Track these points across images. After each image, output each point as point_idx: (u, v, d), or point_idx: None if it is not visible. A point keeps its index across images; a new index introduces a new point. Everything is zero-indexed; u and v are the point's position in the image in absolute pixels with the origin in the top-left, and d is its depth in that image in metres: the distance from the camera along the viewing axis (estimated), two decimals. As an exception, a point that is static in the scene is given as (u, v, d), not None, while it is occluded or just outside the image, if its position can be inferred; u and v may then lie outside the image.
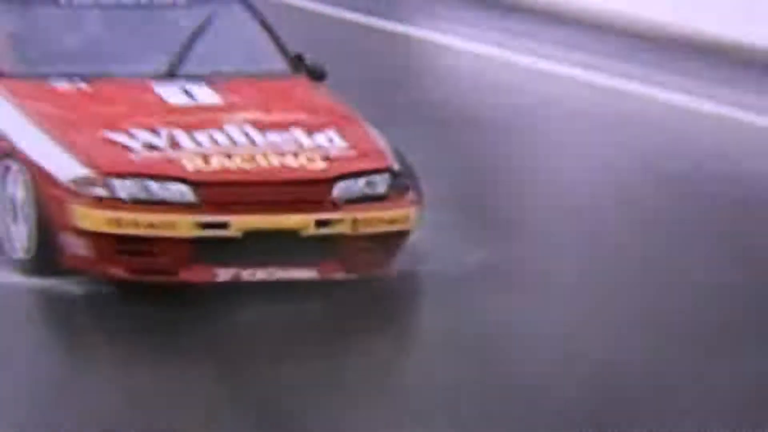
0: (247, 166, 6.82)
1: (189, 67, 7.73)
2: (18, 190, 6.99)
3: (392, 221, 6.98)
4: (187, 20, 8.11)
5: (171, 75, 7.68)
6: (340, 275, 6.81)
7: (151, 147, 6.83)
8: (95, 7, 8.05)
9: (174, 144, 6.87)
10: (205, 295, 6.82)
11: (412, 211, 7.05)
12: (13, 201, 7.04)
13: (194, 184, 6.66)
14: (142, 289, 6.87)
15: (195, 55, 7.88)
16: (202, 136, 6.92)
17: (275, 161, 6.84)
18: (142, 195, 6.67)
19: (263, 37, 8.21)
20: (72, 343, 6.86)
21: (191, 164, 6.73)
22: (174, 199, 6.68)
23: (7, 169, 7.08)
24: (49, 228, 6.84)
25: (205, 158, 6.77)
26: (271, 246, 6.71)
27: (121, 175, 6.69)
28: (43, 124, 7.10)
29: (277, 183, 6.80)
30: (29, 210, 6.92)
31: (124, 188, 6.66)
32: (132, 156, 6.79)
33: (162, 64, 7.76)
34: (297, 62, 8.07)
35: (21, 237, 6.99)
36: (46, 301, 7.00)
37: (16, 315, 6.98)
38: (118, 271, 6.75)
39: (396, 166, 6.97)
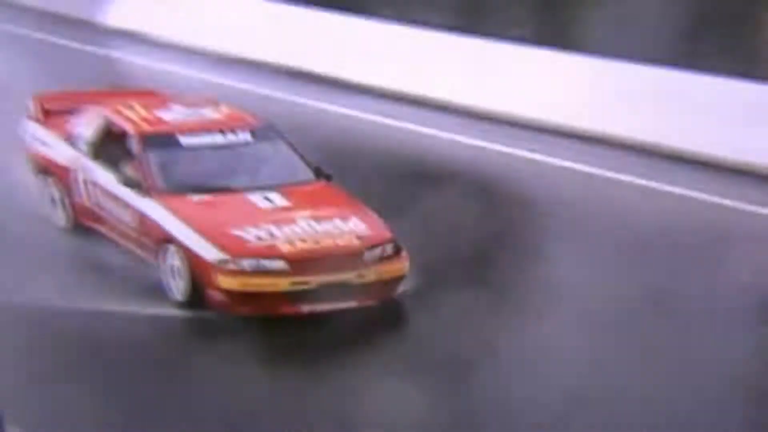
0: (315, 246, 9.63)
1: (262, 181, 10.67)
2: (175, 261, 9.82)
3: (396, 270, 9.90)
4: (256, 151, 11.01)
5: (254, 187, 10.47)
6: (369, 303, 9.70)
7: (259, 238, 9.62)
8: (205, 148, 10.86)
9: (271, 235, 9.65)
10: (291, 322, 9.56)
11: (406, 263, 9.98)
12: (172, 267, 9.85)
13: (287, 259, 9.49)
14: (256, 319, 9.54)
15: (264, 173, 10.79)
16: (286, 229, 9.72)
17: (330, 242, 9.69)
18: (258, 267, 9.44)
19: (297, 157, 11.12)
20: (211, 348, 9.54)
21: (284, 247, 9.54)
22: (276, 269, 9.46)
23: (167, 249, 9.89)
24: (197, 284, 9.63)
25: (291, 243, 9.58)
26: (332, 291, 9.52)
27: (244, 257, 9.48)
28: (188, 222, 9.88)
29: (334, 255, 9.61)
30: (184, 273, 9.72)
31: (247, 264, 9.45)
32: (249, 244, 9.58)
33: (247, 180, 10.65)
34: (317, 171, 10.94)
35: (179, 288, 9.81)
36: (195, 325, 9.80)
37: (177, 332, 9.78)
38: (244, 310, 9.52)
39: (394, 236, 9.99)
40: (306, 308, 9.57)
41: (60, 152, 11.72)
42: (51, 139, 11.95)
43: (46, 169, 11.88)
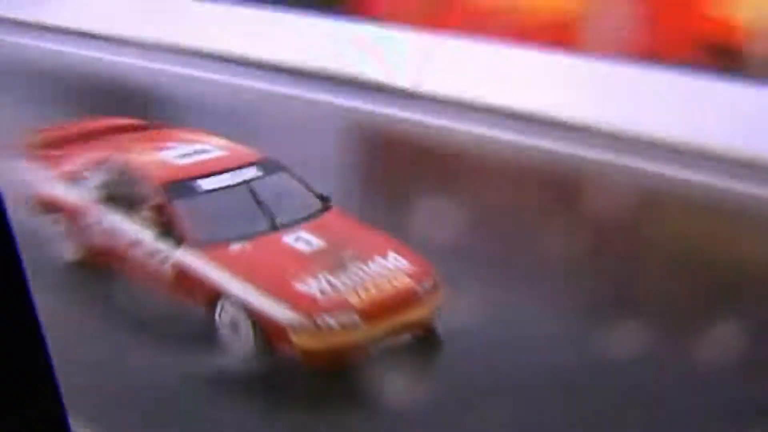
0: (379, 293, 9.62)
1: (286, 218, 10.57)
2: (235, 316, 9.51)
3: (440, 299, 10.03)
4: (268, 185, 10.90)
5: (282, 226, 10.39)
6: (421, 333, 9.94)
7: (322, 291, 9.42)
8: (222, 189, 10.66)
9: (332, 285, 9.50)
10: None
11: (445, 291, 10.05)
12: (234, 321, 9.55)
13: (358, 311, 9.42)
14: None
15: (283, 209, 10.69)
16: (343, 277, 9.61)
17: (388, 285, 9.73)
18: (331, 322, 9.25)
19: (302, 186, 11.12)
20: (281, 395, 9.54)
21: (352, 299, 9.44)
22: (347, 322, 9.33)
23: (223, 305, 9.59)
24: (265, 338, 9.40)
25: (357, 293, 9.50)
26: (396, 331, 9.68)
27: (317, 314, 9.26)
28: (242, 277, 9.56)
29: (394, 299, 9.71)
30: (248, 330, 9.47)
31: (319, 320, 9.24)
32: (317, 301, 9.36)
33: (272, 220, 10.47)
34: (323, 199, 10.99)
35: (242, 343, 9.52)
36: (262, 374, 9.63)
37: (239, 381, 9.69)
38: (318, 364, 9.44)
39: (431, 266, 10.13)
40: (375, 351, 9.62)
41: (66, 192, 11.44)
42: (53, 178, 11.62)
43: (51, 207, 11.61)
